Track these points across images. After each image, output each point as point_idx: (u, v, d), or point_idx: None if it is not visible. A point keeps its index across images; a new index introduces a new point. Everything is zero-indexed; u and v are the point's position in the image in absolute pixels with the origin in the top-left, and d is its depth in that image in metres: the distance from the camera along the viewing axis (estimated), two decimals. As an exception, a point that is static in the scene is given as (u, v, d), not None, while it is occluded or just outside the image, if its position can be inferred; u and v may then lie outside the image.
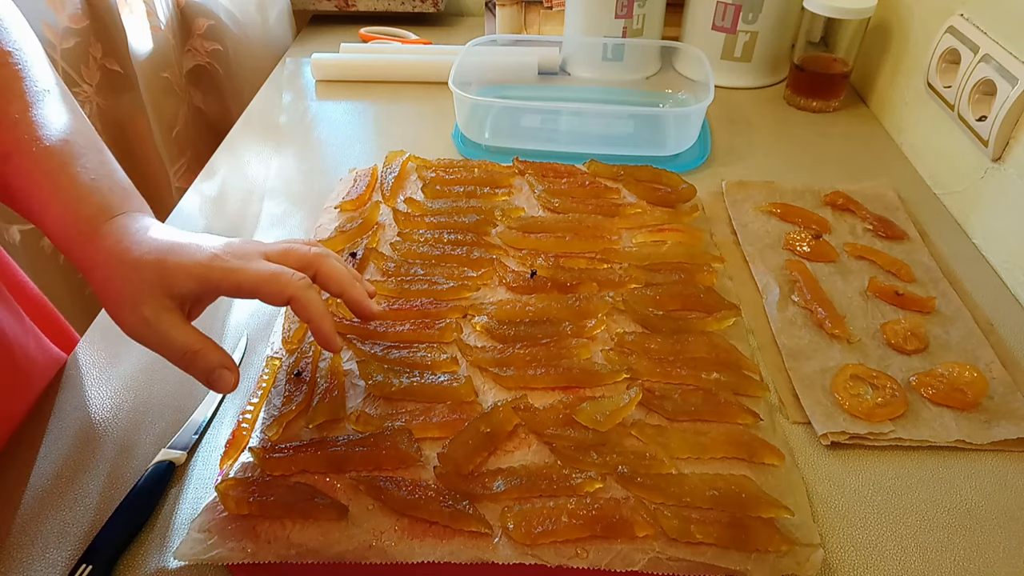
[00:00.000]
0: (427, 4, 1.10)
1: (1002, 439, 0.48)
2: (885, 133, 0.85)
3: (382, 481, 0.43)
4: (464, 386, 0.49)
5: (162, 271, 0.40)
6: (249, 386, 0.53)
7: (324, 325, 0.43)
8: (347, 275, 0.46)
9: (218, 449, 0.48)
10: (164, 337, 0.40)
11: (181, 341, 0.40)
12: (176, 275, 0.40)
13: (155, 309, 0.40)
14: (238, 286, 0.41)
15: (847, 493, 0.46)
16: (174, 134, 1.01)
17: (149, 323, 0.40)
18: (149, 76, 0.93)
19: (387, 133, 0.85)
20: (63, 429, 0.50)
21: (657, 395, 0.49)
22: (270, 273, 0.41)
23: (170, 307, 0.40)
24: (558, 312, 0.56)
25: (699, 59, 0.84)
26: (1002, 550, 0.43)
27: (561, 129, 0.86)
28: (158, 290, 0.40)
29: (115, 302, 0.40)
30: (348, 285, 0.46)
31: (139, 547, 0.43)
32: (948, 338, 0.56)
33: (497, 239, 0.64)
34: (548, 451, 0.47)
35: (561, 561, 0.41)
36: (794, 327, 0.57)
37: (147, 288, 0.40)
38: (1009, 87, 0.62)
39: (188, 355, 0.40)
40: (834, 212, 0.69)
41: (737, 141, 0.83)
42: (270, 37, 1.07)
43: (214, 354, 0.41)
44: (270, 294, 0.41)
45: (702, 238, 0.65)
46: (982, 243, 0.67)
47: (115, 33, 0.86)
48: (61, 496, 0.46)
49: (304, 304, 0.42)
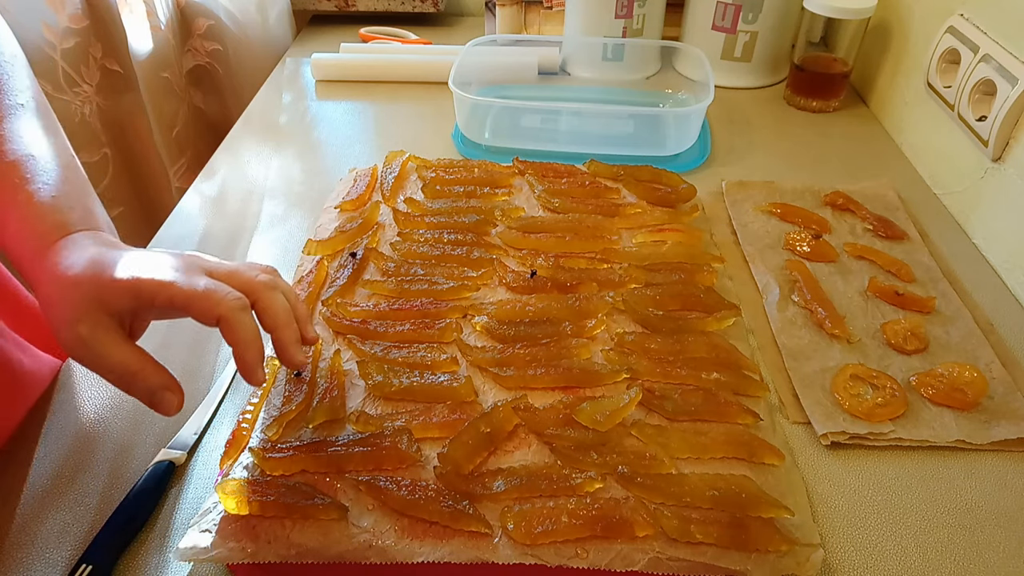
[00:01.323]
0: (427, 4, 1.10)
1: (1002, 439, 0.48)
2: (885, 133, 0.85)
3: (382, 481, 0.43)
4: (464, 386, 0.49)
5: (98, 288, 0.38)
6: (249, 386, 0.53)
7: (248, 354, 0.39)
8: (285, 313, 0.42)
9: (218, 449, 0.48)
10: (100, 356, 0.38)
11: (118, 360, 0.38)
12: (111, 291, 0.38)
13: (91, 327, 0.38)
14: (170, 300, 0.38)
15: (847, 493, 0.46)
16: (174, 134, 1.01)
17: (86, 342, 0.38)
18: (149, 76, 0.93)
19: (387, 133, 0.85)
20: (63, 429, 0.50)
21: (657, 395, 0.49)
22: (204, 289, 0.39)
23: (108, 325, 0.38)
24: (558, 312, 0.56)
25: (699, 59, 0.84)
26: (1002, 550, 0.43)
27: (561, 129, 0.86)
28: (95, 307, 0.38)
29: (55, 321, 0.39)
30: (282, 324, 0.42)
31: (139, 547, 0.43)
32: (948, 338, 0.56)
33: (497, 239, 0.64)
34: (548, 451, 0.47)
35: (561, 561, 0.41)
36: (794, 327, 0.57)
37: (83, 306, 0.38)
38: (1009, 87, 0.62)
39: (127, 376, 0.39)
40: (834, 212, 0.69)
41: (737, 141, 0.83)
42: (270, 37, 1.07)
43: (154, 375, 0.39)
44: (200, 311, 0.39)
45: (702, 238, 0.65)
46: (982, 243, 0.67)
47: (115, 33, 0.86)
48: (61, 496, 0.46)
49: (232, 326, 0.39)
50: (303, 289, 0.59)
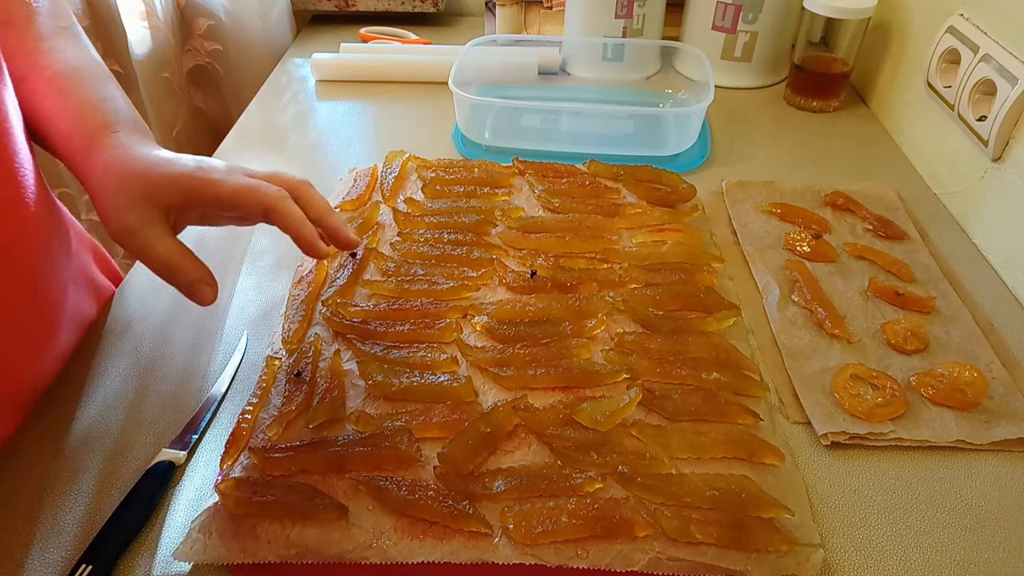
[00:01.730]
0: (427, 4, 1.10)
1: (1002, 439, 0.48)
2: (885, 133, 0.85)
3: (382, 481, 0.43)
4: (464, 386, 0.49)
5: (149, 182, 0.42)
6: (249, 386, 0.53)
7: (304, 229, 0.44)
8: (326, 204, 0.47)
9: (218, 449, 0.48)
10: (146, 247, 0.42)
11: (162, 252, 0.42)
12: (162, 186, 0.42)
13: (140, 219, 0.42)
14: (218, 197, 0.43)
15: (847, 493, 0.46)
16: (174, 134, 1.01)
17: (134, 232, 0.42)
18: (149, 76, 0.93)
19: (387, 133, 0.85)
20: (63, 429, 0.50)
21: (657, 395, 0.49)
22: (248, 185, 0.43)
23: (156, 218, 0.42)
24: (558, 312, 0.56)
25: (699, 59, 0.84)
26: (1002, 550, 0.43)
27: (561, 129, 0.86)
28: (145, 200, 0.42)
29: (105, 210, 0.43)
30: (327, 213, 0.47)
31: (139, 547, 0.43)
32: (948, 338, 0.56)
33: (497, 239, 0.64)
34: (548, 451, 0.47)
35: (561, 561, 0.41)
36: (794, 327, 0.57)
37: (135, 198, 0.42)
38: (1009, 87, 0.62)
39: (168, 267, 0.43)
40: (834, 212, 0.69)
41: (737, 141, 0.83)
42: (270, 37, 1.07)
43: (194, 268, 0.43)
44: (249, 204, 0.43)
45: (702, 238, 0.65)
46: (982, 243, 0.67)
47: (115, 33, 0.86)
48: (61, 496, 0.46)
49: (282, 213, 0.43)
50: (303, 289, 0.59)
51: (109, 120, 0.47)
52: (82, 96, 0.47)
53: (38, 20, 0.49)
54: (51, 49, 0.49)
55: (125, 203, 0.42)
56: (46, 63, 0.48)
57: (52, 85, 0.47)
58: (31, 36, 0.48)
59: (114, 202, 0.42)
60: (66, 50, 0.49)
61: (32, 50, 0.48)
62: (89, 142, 0.45)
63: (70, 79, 0.48)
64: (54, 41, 0.49)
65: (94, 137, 0.45)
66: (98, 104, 0.47)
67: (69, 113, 0.47)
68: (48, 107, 0.47)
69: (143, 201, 0.42)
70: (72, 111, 0.47)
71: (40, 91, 0.47)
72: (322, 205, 0.47)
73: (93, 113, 0.47)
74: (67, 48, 0.50)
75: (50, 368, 0.53)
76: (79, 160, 0.45)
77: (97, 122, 0.46)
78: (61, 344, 0.53)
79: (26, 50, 0.48)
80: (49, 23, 0.50)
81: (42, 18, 0.49)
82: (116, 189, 0.43)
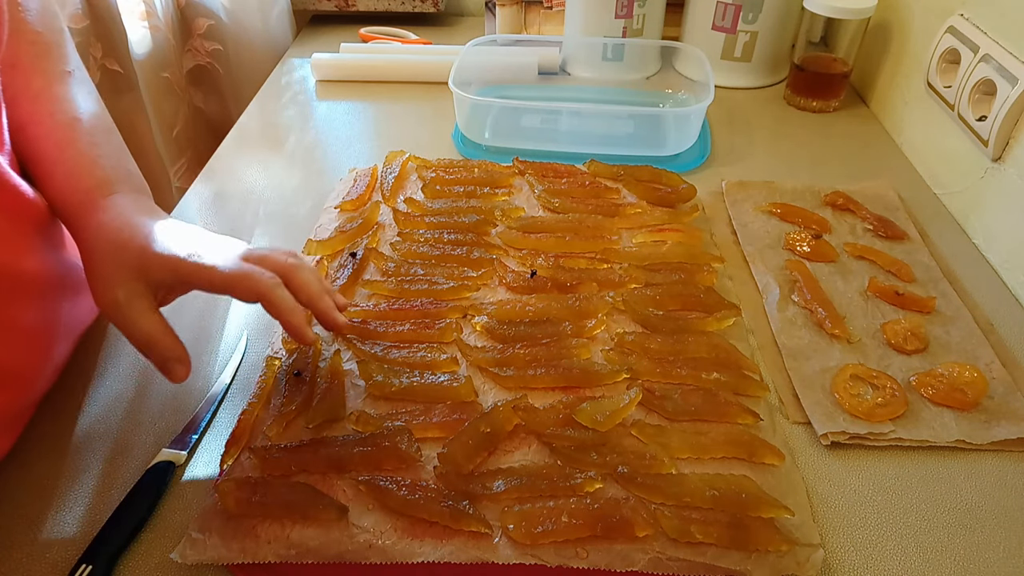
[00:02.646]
0: (427, 4, 1.10)
1: (1002, 439, 0.48)
2: (885, 133, 0.85)
3: (382, 481, 0.43)
4: (464, 386, 0.49)
5: (142, 258, 0.42)
6: (249, 386, 0.53)
7: (293, 319, 0.44)
8: (318, 287, 0.47)
9: (218, 449, 0.48)
10: (129, 321, 0.42)
11: (145, 329, 0.42)
12: (154, 264, 0.42)
13: (128, 293, 0.41)
14: (210, 282, 0.42)
15: (847, 493, 0.46)
16: (174, 134, 1.01)
17: (120, 306, 0.41)
18: (149, 76, 0.93)
19: (387, 133, 0.85)
20: (63, 429, 0.50)
21: (657, 395, 0.49)
22: (242, 272, 0.43)
23: (143, 293, 0.42)
24: (558, 312, 0.56)
25: (699, 59, 0.84)
26: (1002, 550, 0.43)
27: (561, 129, 0.86)
28: (135, 274, 0.42)
29: (93, 276, 0.43)
30: (316, 297, 0.46)
31: (139, 547, 0.43)
32: (948, 338, 0.56)
33: (497, 239, 0.64)
34: (548, 451, 0.47)
35: (561, 561, 0.41)
36: (794, 327, 0.57)
37: (125, 271, 0.42)
38: (1009, 87, 0.62)
39: (148, 344, 0.42)
40: (834, 212, 0.69)
41: (737, 141, 0.83)
42: (270, 37, 1.07)
43: (171, 347, 0.43)
44: (241, 291, 0.43)
45: (702, 238, 0.65)
46: (982, 243, 0.67)
47: (115, 33, 0.86)
48: (61, 496, 0.46)
49: (272, 301, 0.43)
50: (303, 289, 0.59)
51: (107, 178, 0.46)
52: (81, 151, 0.47)
53: (44, 64, 0.49)
54: (54, 96, 0.48)
55: (114, 274, 0.42)
56: (49, 111, 0.47)
57: (52, 137, 0.47)
58: (37, 80, 0.48)
59: (104, 271, 0.42)
60: (70, 98, 0.49)
61: (36, 95, 0.47)
62: (86, 199, 0.45)
63: (71, 131, 0.47)
64: (59, 88, 0.49)
65: (91, 195, 0.45)
66: (96, 161, 0.47)
67: (67, 168, 0.46)
68: (46, 159, 0.46)
69: (133, 275, 0.42)
70: (70, 166, 0.46)
71: (40, 141, 0.47)
72: (313, 290, 0.46)
73: (91, 170, 0.46)
74: (71, 96, 0.49)
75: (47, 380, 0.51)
76: (73, 219, 0.45)
77: (95, 179, 0.46)
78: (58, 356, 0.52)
79: (29, 95, 0.47)
80: (54, 68, 0.49)
81: (48, 63, 0.49)
82: (107, 258, 0.42)
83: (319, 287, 0.47)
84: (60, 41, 0.50)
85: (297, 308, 0.44)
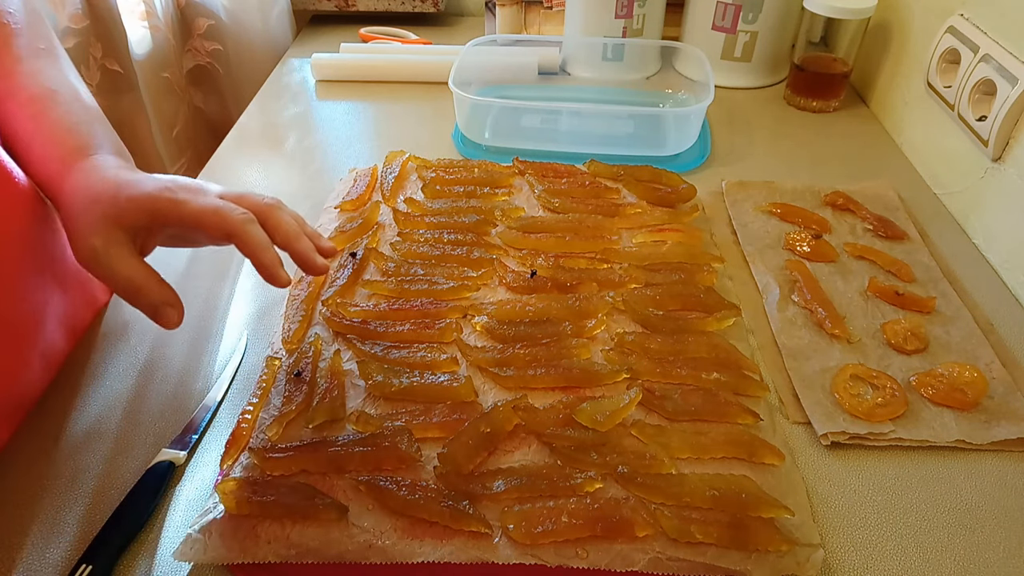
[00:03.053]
0: (427, 4, 1.10)
1: (1002, 439, 0.48)
2: (885, 133, 0.85)
3: (382, 481, 0.43)
4: (464, 386, 0.49)
5: (114, 204, 0.42)
6: (249, 386, 0.53)
7: (264, 257, 0.43)
8: (295, 228, 0.46)
9: (218, 449, 0.48)
10: (110, 268, 0.41)
11: (126, 274, 0.41)
12: (127, 208, 0.42)
13: (105, 241, 0.41)
14: (181, 218, 0.42)
15: (847, 493, 0.46)
16: (174, 134, 1.01)
17: (98, 253, 0.41)
18: (149, 76, 0.93)
19: (387, 133, 0.85)
20: (63, 429, 0.50)
21: (657, 395, 0.49)
22: (213, 207, 0.42)
23: (120, 240, 0.41)
24: (558, 312, 0.56)
25: (699, 59, 0.84)
26: (1002, 550, 0.43)
27: (561, 129, 0.86)
28: (110, 222, 0.41)
29: (71, 233, 0.42)
30: (294, 237, 0.45)
31: (139, 547, 0.43)
32: (948, 338, 0.56)
33: (497, 239, 0.64)
34: (548, 451, 0.47)
35: (561, 561, 0.41)
36: (794, 327, 0.57)
37: (99, 220, 0.41)
38: (1009, 87, 0.62)
39: (132, 288, 0.41)
40: (834, 212, 0.69)
41: (737, 141, 0.83)
42: (270, 37, 1.07)
43: (158, 290, 0.42)
44: (211, 226, 0.42)
45: (702, 238, 0.65)
46: (982, 243, 0.67)
47: (115, 33, 0.86)
48: (61, 496, 0.46)
49: (243, 237, 0.42)
50: (303, 289, 0.59)
51: (83, 144, 0.46)
52: (57, 120, 0.47)
53: (16, 41, 0.49)
54: (28, 71, 0.48)
55: (90, 225, 0.41)
56: (23, 85, 0.48)
57: (27, 109, 0.47)
58: (9, 58, 0.48)
59: (79, 224, 0.42)
60: (44, 72, 0.49)
61: (9, 72, 0.48)
62: (63, 167, 0.45)
63: (46, 103, 0.47)
64: (32, 63, 0.49)
65: (67, 161, 0.45)
66: (72, 128, 0.47)
67: (43, 137, 0.46)
68: (23, 131, 0.47)
69: (108, 223, 0.41)
70: (46, 135, 0.46)
71: (16, 115, 0.47)
72: (289, 230, 0.45)
73: (66, 138, 0.46)
74: (45, 70, 0.49)
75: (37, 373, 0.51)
76: (53, 185, 0.45)
77: (71, 146, 0.46)
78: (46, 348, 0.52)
79: (3, 72, 0.47)
80: (28, 44, 0.49)
81: (21, 39, 0.49)
82: (82, 212, 0.42)
83: (297, 228, 0.46)
84: (33, 21, 0.51)
85: (269, 246, 0.43)
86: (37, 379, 0.52)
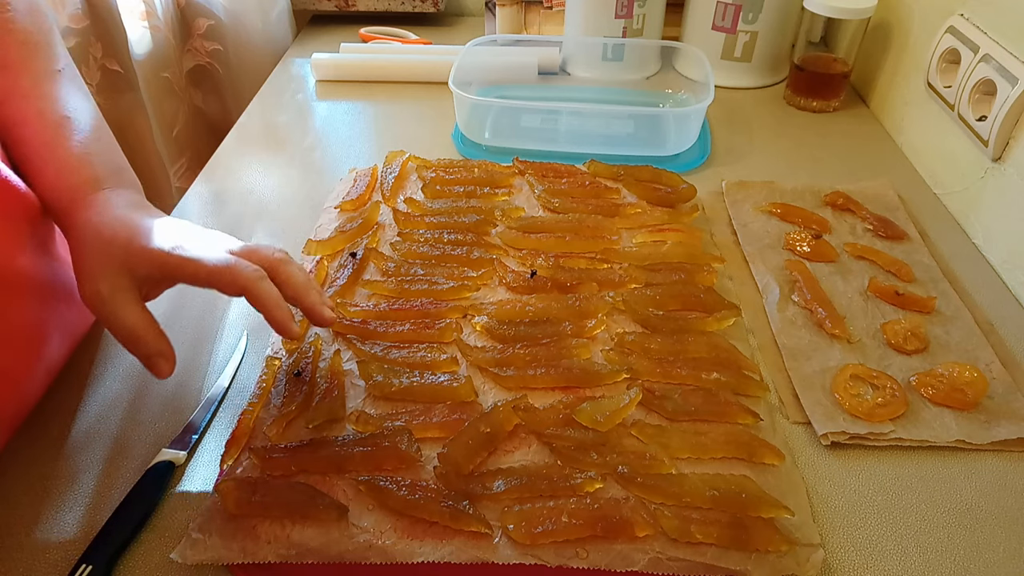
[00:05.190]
0: (427, 4, 1.10)
1: (1002, 439, 0.48)
2: (885, 133, 0.85)
3: (382, 481, 0.43)
4: (464, 386, 0.49)
5: (127, 252, 0.42)
6: (249, 386, 0.53)
7: (277, 313, 0.43)
8: (304, 282, 0.46)
9: (218, 449, 0.48)
10: (113, 315, 0.42)
11: (128, 323, 0.42)
12: (139, 258, 0.42)
13: (112, 287, 0.41)
14: (195, 275, 0.42)
15: (847, 493, 0.46)
16: (174, 134, 1.01)
17: (104, 299, 0.41)
18: (149, 76, 0.93)
19: (387, 133, 0.85)
20: (63, 429, 0.50)
21: (657, 395, 0.49)
22: (225, 265, 0.42)
23: (127, 287, 0.42)
24: (558, 312, 0.56)
25: (699, 59, 0.84)
26: (1002, 550, 0.43)
27: (561, 129, 0.86)
28: (120, 268, 0.42)
29: (79, 271, 0.43)
30: (303, 291, 0.46)
31: (139, 547, 0.43)
32: (948, 338, 0.56)
33: (497, 239, 0.64)
34: (548, 451, 0.47)
35: (561, 561, 0.41)
36: (794, 327, 0.57)
37: (110, 265, 0.42)
38: (1009, 87, 0.62)
39: (131, 338, 0.42)
40: (834, 212, 0.69)
41: (737, 141, 0.83)
42: (270, 37, 1.07)
43: (154, 342, 0.43)
44: (224, 284, 0.42)
45: (702, 238, 0.65)
46: (982, 243, 0.67)
47: (115, 33, 0.86)
48: (61, 496, 0.46)
49: (255, 293, 0.43)
50: (303, 289, 0.59)
51: (96, 175, 0.46)
52: (69, 149, 0.47)
53: (32, 64, 0.49)
54: (42, 96, 0.48)
55: (100, 268, 0.42)
56: (39, 110, 0.47)
57: (42, 136, 0.47)
58: (25, 80, 0.48)
59: (89, 264, 0.42)
60: (60, 98, 0.49)
61: (26, 94, 0.47)
62: (74, 197, 0.45)
63: (60, 130, 0.47)
64: (49, 87, 0.49)
65: (79, 193, 0.45)
66: (85, 158, 0.47)
67: (57, 165, 0.46)
68: (36, 157, 0.47)
69: (117, 269, 0.42)
70: (60, 163, 0.46)
71: (30, 140, 0.47)
72: (299, 283, 0.46)
73: (80, 168, 0.46)
74: (61, 95, 0.49)
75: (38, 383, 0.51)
76: (64, 216, 0.45)
77: (83, 177, 0.46)
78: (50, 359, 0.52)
79: (19, 95, 0.47)
80: (44, 67, 0.49)
81: (37, 62, 0.49)
82: (93, 252, 0.42)
83: (306, 282, 0.46)
84: (49, 40, 0.50)
85: (281, 302, 0.44)
86: (38, 386, 0.52)
